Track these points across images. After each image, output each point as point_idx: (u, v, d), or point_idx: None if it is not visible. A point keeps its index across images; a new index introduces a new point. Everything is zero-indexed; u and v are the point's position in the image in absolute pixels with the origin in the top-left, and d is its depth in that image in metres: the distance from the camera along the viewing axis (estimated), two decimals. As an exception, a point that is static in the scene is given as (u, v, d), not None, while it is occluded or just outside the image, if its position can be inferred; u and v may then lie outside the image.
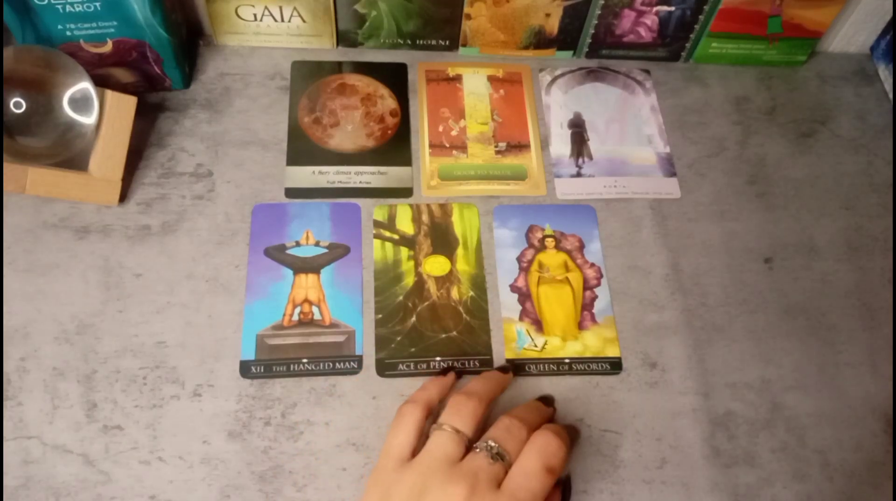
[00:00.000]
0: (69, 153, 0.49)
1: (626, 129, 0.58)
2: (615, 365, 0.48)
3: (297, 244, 0.51)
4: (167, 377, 0.45)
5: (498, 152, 0.56)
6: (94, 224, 0.50)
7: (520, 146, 0.56)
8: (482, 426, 0.40)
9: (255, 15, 0.56)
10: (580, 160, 0.56)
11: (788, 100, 0.61)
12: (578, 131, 0.58)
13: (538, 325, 0.49)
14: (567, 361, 0.48)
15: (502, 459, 0.38)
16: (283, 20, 0.57)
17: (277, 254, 0.50)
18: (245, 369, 0.46)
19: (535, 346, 0.48)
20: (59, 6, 0.48)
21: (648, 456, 0.45)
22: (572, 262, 0.51)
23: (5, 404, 0.44)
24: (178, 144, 0.54)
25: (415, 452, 0.39)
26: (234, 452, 0.43)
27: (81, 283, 0.48)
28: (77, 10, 0.48)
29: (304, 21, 0.57)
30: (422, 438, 0.40)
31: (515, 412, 0.41)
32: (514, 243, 0.52)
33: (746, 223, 0.54)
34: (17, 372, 0.45)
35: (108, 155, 0.49)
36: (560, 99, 0.59)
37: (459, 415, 0.39)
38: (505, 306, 0.49)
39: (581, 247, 0.52)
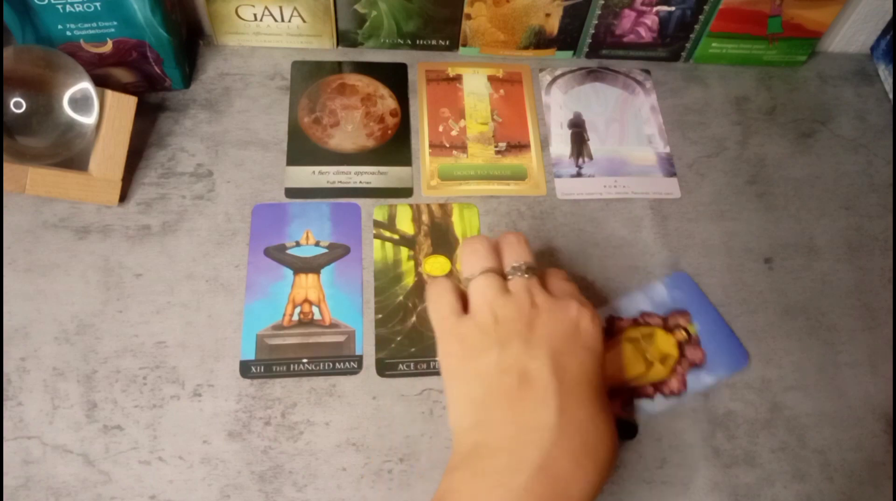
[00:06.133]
0: (69, 153, 0.49)
1: (626, 129, 0.58)
2: None
3: (297, 244, 0.51)
4: (167, 377, 0.45)
5: (498, 152, 0.56)
6: (94, 224, 0.50)
7: (520, 146, 0.56)
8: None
9: (255, 15, 0.56)
10: (580, 160, 0.56)
11: (788, 100, 0.61)
12: (578, 131, 0.58)
13: None
14: None
15: (533, 271, 0.39)
16: (283, 20, 0.57)
17: (277, 254, 0.50)
18: (245, 369, 0.46)
19: None
20: (59, 6, 0.48)
21: (648, 456, 0.45)
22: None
23: (5, 404, 0.44)
24: (178, 144, 0.54)
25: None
26: (234, 452, 0.43)
27: (81, 283, 0.48)
28: (77, 10, 0.48)
29: (304, 21, 0.57)
30: (463, 299, 0.40)
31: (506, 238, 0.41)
32: None
33: (746, 223, 0.54)
34: (17, 372, 0.45)
35: (108, 155, 0.49)
36: (560, 99, 0.59)
37: (477, 259, 0.40)
38: None
39: None
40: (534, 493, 0.33)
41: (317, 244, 0.51)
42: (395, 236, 0.52)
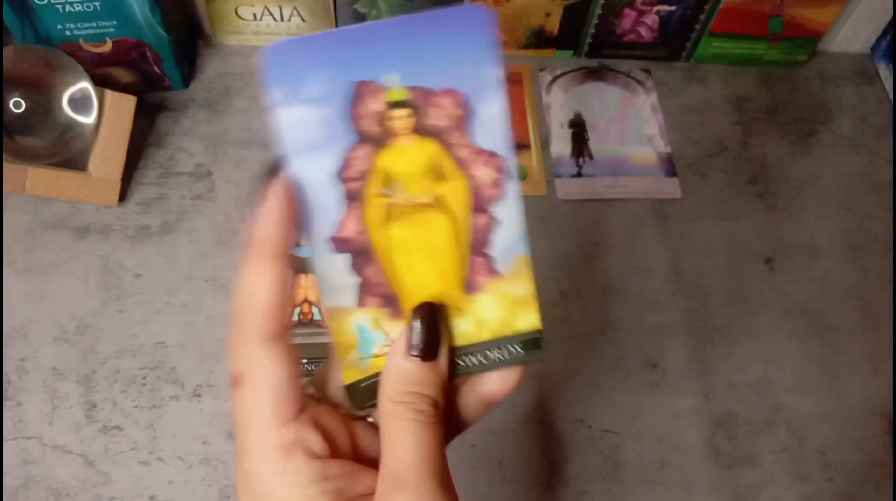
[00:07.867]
0: (68, 153, 0.49)
1: (626, 128, 0.58)
2: (530, 345, 0.26)
3: (297, 244, 0.50)
4: (167, 378, 0.45)
5: (498, 152, 0.56)
6: (93, 224, 0.50)
7: (520, 146, 0.56)
8: None
9: (254, 14, 0.56)
10: (581, 160, 0.56)
11: (789, 100, 0.61)
12: (579, 131, 0.58)
13: (392, 305, 0.25)
14: None
15: None
16: (282, 19, 0.56)
17: (277, 254, 0.50)
18: (245, 369, 0.46)
19: None
20: (59, 6, 0.48)
21: (649, 457, 0.45)
22: (448, 158, 0.24)
23: (5, 404, 0.44)
24: (178, 144, 0.54)
25: None
26: (233, 453, 0.43)
27: (81, 283, 0.48)
28: (77, 9, 0.48)
29: (303, 20, 0.57)
30: None
31: None
32: (324, 134, 0.24)
33: (747, 223, 0.54)
34: (17, 372, 0.45)
35: (108, 155, 0.49)
36: (560, 99, 0.59)
37: None
38: (330, 283, 0.26)
39: (463, 118, 0.24)
40: None
41: (317, 244, 0.51)
42: (396, 236, 0.51)
